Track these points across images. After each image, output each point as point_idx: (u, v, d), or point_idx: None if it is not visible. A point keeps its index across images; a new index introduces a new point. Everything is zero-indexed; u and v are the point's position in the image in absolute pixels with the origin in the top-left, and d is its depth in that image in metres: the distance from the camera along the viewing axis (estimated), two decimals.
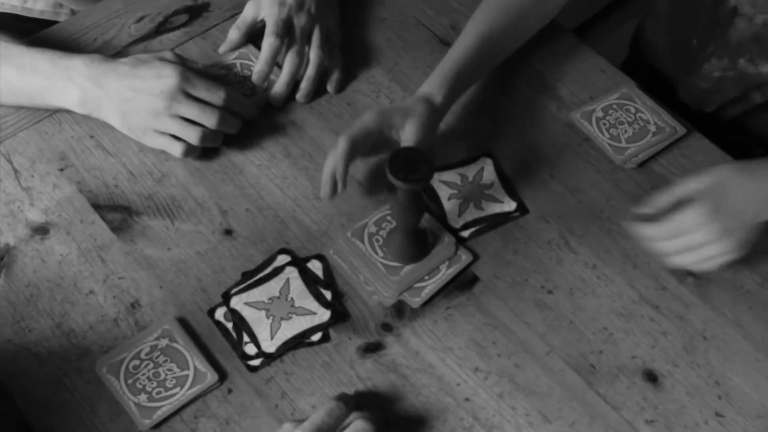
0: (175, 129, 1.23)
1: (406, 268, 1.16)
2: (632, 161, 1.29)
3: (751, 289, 1.18)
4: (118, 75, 1.22)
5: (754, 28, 1.31)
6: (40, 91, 1.25)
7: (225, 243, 1.19)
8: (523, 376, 1.10)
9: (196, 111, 1.22)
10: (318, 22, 1.35)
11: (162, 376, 1.07)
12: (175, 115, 1.22)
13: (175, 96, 1.21)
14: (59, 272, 1.16)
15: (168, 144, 1.24)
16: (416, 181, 1.04)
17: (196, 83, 1.22)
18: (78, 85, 1.23)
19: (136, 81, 1.22)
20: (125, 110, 1.22)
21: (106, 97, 1.22)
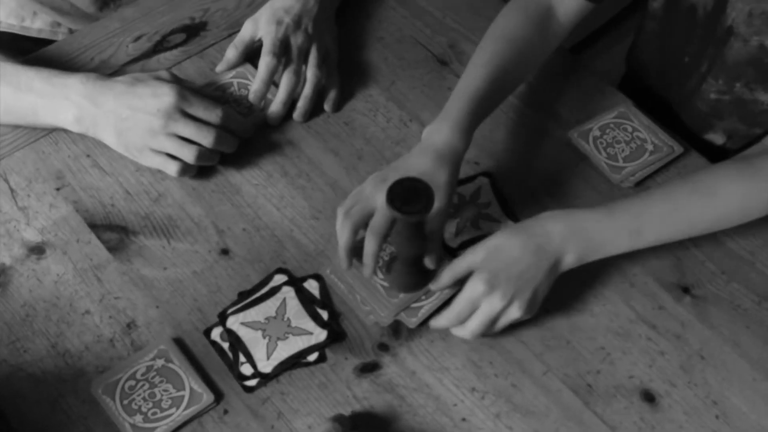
0: (171, 148, 1.23)
1: None
2: (629, 180, 1.29)
3: (749, 309, 1.18)
4: (114, 94, 1.22)
5: (749, 50, 1.31)
6: (35, 110, 1.25)
7: (221, 262, 1.19)
8: (520, 396, 1.10)
9: (192, 129, 1.22)
10: (315, 41, 1.35)
11: (158, 396, 1.07)
12: (172, 133, 1.22)
13: (172, 114, 1.21)
14: (55, 292, 1.15)
15: (164, 163, 1.24)
16: (415, 213, 1.03)
17: (192, 102, 1.23)
18: (74, 103, 1.23)
19: (133, 99, 1.22)
20: (121, 129, 1.22)
21: (103, 115, 1.22)
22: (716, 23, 1.34)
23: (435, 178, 1.12)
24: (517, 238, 1.10)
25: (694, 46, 1.41)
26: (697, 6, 1.36)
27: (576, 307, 1.17)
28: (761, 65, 1.31)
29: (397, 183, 1.02)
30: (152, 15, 1.46)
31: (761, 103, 1.36)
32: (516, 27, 1.29)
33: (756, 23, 1.28)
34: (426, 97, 1.38)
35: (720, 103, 1.40)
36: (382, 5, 1.51)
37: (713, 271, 1.21)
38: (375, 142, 1.32)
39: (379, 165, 1.29)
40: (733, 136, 1.44)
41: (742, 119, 1.40)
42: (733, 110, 1.40)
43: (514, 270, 1.08)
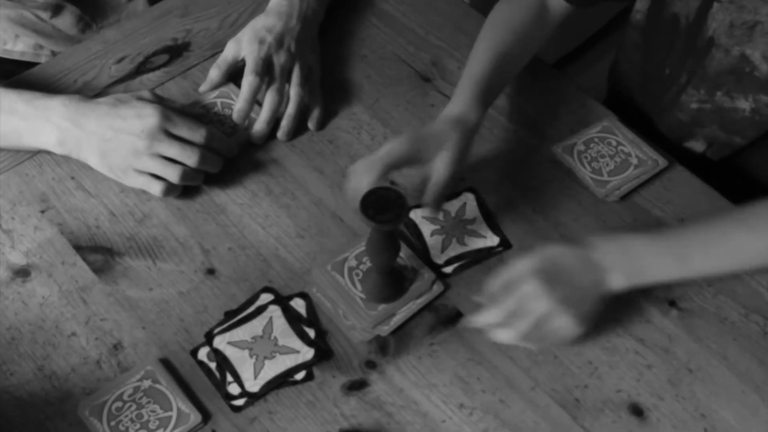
0: (155, 168, 1.23)
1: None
2: (614, 194, 1.29)
3: (736, 321, 1.18)
4: (97, 115, 1.22)
5: (730, 60, 1.31)
6: (18, 132, 1.25)
7: (207, 282, 1.19)
8: (508, 411, 1.10)
9: (177, 150, 1.22)
10: (298, 59, 1.36)
11: (145, 417, 1.06)
12: (156, 154, 1.22)
13: (155, 135, 1.21)
14: (41, 314, 1.15)
15: (148, 183, 1.24)
16: (388, 222, 1.03)
17: (176, 122, 1.22)
18: (56, 125, 1.23)
19: (116, 120, 1.21)
20: (105, 150, 1.22)
21: (86, 137, 1.22)
22: (697, 34, 1.34)
23: (446, 136, 1.18)
24: (572, 251, 1.13)
25: (675, 57, 1.42)
26: (680, 16, 1.36)
27: None
28: (742, 74, 1.32)
29: (370, 192, 1.04)
30: (135, 36, 1.46)
31: (741, 110, 1.36)
32: (513, 15, 1.34)
33: (737, 34, 1.29)
34: (410, 114, 1.39)
35: (701, 112, 1.41)
36: (364, 23, 1.52)
37: (700, 284, 1.21)
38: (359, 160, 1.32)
39: None
40: (713, 144, 1.44)
41: (722, 127, 1.41)
42: (714, 118, 1.40)
43: (567, 278, 1.10)
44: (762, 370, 1.14)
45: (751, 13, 1.26)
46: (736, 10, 1.27)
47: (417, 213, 1.26)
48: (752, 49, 1.29)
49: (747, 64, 1.31)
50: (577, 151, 1.34)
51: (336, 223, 1.25)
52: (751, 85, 1.33)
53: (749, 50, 1.30)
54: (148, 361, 1.11)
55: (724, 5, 1.28)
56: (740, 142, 1.42)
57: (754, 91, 1.34)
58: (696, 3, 1.32)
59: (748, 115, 1.37)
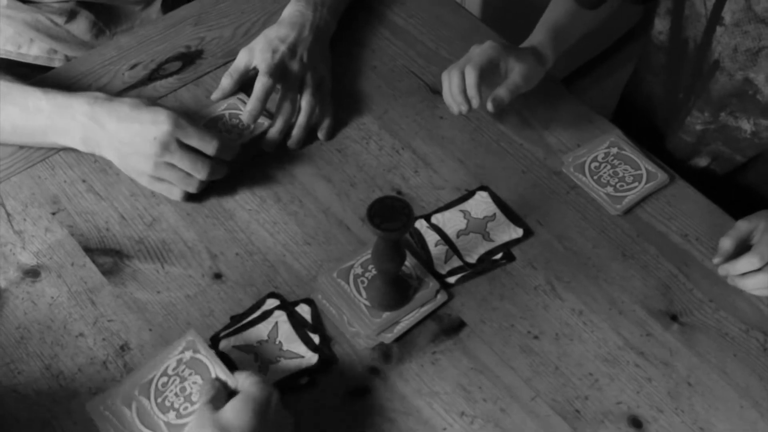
0: (169, 176, 1.24)
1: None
2: (617, 208, 1.30)
3: (736, 337, 1.19)
4: (118, 117, 1.23)
5: (734, 83, 1.33)
6: (44, 130, 1.26)
7: (214, 287, 1.20)
8: (508, 420, 1.11)
9: (187, 163, 1.23)
10: (309, 69, 1.37)
11: (188, 390, 1.07)
12: (168, 163, 1.23)
13: (168, 144, 1.22)
14: (49, 315, 1.16)
15: (168, 189, 1.26)
16: (394, 230, 1.05)
17: (188, 131, 1.23)
18: (80, 123, 1.25)
19: (133, 124, 1.23)
20: (122, 152, 1.24)
21: (106, 137, 1.24)
22: (703, 57, 1.36)
23: (525, 54, 1.35)
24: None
25: (686, 80, 1.43)
26: (689, 39, 1.38)
27: (565, 333, 1.18)
28: (745, 96, 1.33)
29: (377, 201, 1.06)
30: (148, 43, 1.48)
31: (744, 131, 1.38)
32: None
33: (740, 59, 1.30)
34: (418, 125, 1.40)
35: (706, 133, 1.42)
36: (375, 35, 1.53)
37: (701, 299, 1.23)
38: (367, 169, 1.34)
39: (371, 192, 1.31)
40: (717, 158, 1.46)
41: (726, 144, 1.42)
42: (718, 136, 1.42)
43: None
44: (761, 385, 1.15)
45: (756, 40, 1.28)
46: (741, 35, 1.28)
47: (422, 223, 1.27)
48: (756, 72, 1.31)
49: (750, 87, 1.32)
50: (590, 168, 1.35)
51: (343, 231, 1.26)
52: (752, 107, 1.35)
53: (753, 74, 1.31)
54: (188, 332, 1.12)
55: (728, 29, 1.29)
56: (741, 160, 1.43)
57: (756, 115, 1.35)
58: (702, 26, 1.34)
59: (749, 137, 1.38)
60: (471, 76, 1.29)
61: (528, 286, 1.23)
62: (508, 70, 1.33)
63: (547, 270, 1.24)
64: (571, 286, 1.23)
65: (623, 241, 1.28)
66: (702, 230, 1.30)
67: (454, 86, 1.30)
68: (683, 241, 1.28)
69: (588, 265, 1.25)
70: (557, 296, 1.22)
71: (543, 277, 1.24)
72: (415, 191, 1.31)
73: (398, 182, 1.32)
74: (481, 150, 1.37)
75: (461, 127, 1.40)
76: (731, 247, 1.22)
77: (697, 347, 1.18)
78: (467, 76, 1.29)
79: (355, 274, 1.21)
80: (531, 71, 1.34)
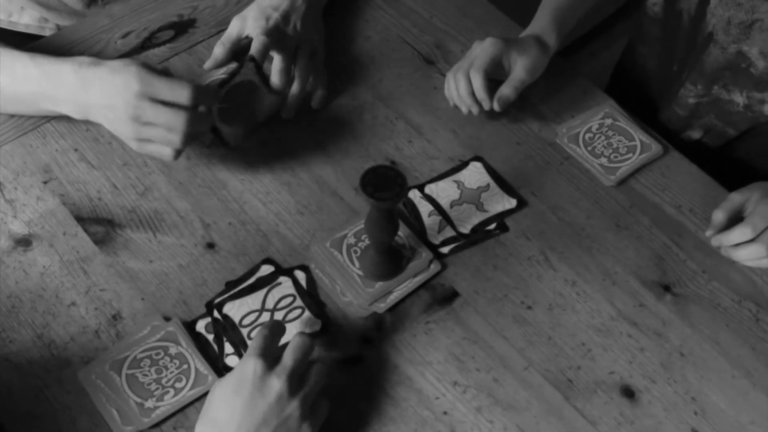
0: (153, 136, 1.17)
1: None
2: (611, 179, 1.30)
3: (728, 307, 1.19)
4: (101, 82, 1.18)
5: (727, 56, 1.33)
6: (35, 99, 1.23)
7: (207, 256, 1.20)
8: (501, 390, 1.11)
9: (163, 118, 1.15)
10: (303, 39, 1.36)
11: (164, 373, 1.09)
12: (147, 122, 1.16)
13: (139, 104, 1.15)
14: (41, 284, 1.16)
15: (158, 150, 1.19)
16: (387, 199, 1.05)
17: (156, 86, 1.15)
18: (70, 90, 1.20)
19: (111, 88, 1.17)
20: (107, 117, 1.19)
21: (92, 102, 1.19)
22: (698, 30, 1.35)
23: (528, 45, 1.34)
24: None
25: (680, 52, 1.43)
26: (683, 11, 1.37)
27: (558, 303, 1.18)
28: (738, 69, 1.33)
29: (370, 170, 1.05)
30: (140, 12, 1.47)
31: (736, 104, 1.38)
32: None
33: (733, 32, 1.30)
34: (411, 95, 1.40)
35: (699, 106, 1.42)
36: (369, 4, 1.52)
37: (694, 270, 1.23)
38: (361, 140, 1.33)
39: (365, 162, 1.30)
40: (709, 132, 1.46)
41: (718, 117, 1.42)
42: (710, 109, 1.42)
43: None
44: (753, 355, 1.15)
45: (749, 12, 1.27)
46: (734, 7, 1.28)
47: (415, 193, 1.27)
48: (749, 45, 1.30)
49: (743, 60, 1.32)
50: (583, 140, 1.34)
51: (336, 200, 1.26)
52: (745, 81, 1.34)
53: (746, 47, 1.31)
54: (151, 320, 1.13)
55: (722, 1, 1.29)
56: (733, 133, 1.43)
57: (749, 88, 1.35)
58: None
59: (741, 110, 1.38)
60: (477, 79, 1.30)
61: (521, 257, 1.23)
62: (512, 64, 1.33)
63: (541, 240, 1.24)
64: (564, 257, 1.23)
65: (617, 212, 1.28)
66: (696, 201, 1.29)
67: (462, 90, 1.31)
68: (677, 212, 1.28)
69: (581, 236, 1.25)
70: (551, 267, 1.22)
71: (536, 248, 1.23)
72: (408, 161, 1.31)
73: (392, 152, 1.32)
74: (475, 121, 1.36)
75: None
76: (724, 219, 1.22)
77: (689, 318, 1.18)
78: (473, 79, 1.30)
79: (348, 243, 1.20)
80: (535, 63, 1.34)
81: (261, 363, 0.98)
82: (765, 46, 1.29)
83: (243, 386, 0.98)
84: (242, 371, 0.98)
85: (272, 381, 0.98)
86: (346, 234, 1.21)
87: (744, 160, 1.48)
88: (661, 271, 1.22)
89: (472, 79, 1.30)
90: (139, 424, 1.05)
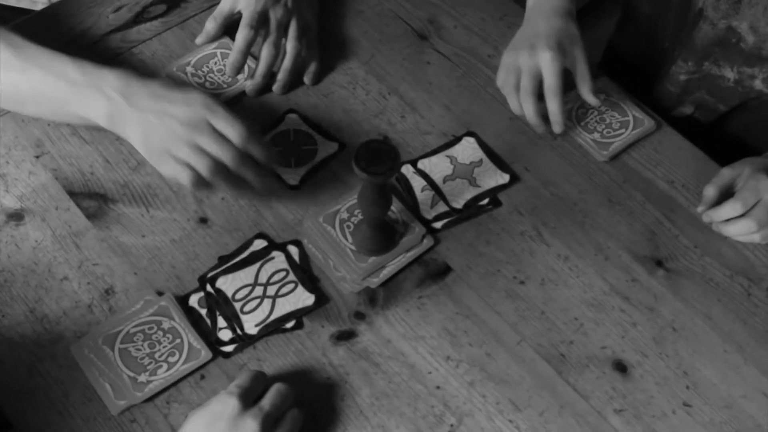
0: (190, 156, 1.15)
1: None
2: (603, 154, 1.30)
3: (721, 282, 1.20)
4: (148, 94, 1.16)
5: (717, 32, 1.33)
6: (65, 99, 1.18)
7: (200, 231, 1.20)
8: (494, 365, 1.11)
9: (215, 145, 1.14)
10: (295, 14, 1.36)
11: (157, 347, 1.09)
12: (194, 144, 1.15)
13: (197, 125, 1.15)
14: (33, 258, 1.16)
15: (180, 171, 1.15)
16: (380, 174, 1.05)
17: (218, 113, 1.15)
18: (108, 97, 1.16)
19: (164, 104, 1.16)
20: (148, 131, 1.16)
21: (133, 114, 1.16)
22: (688, 6, 1.35)
23: (571, 32, 1.31)
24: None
25: (671, 29, 1.43)
26: None
27: (551, 278, 1.18)
28: (728, 44, 1.33)
29: (363, 145, 1.05)
30: None
31: (727, 79, 1.38)
32: None
33: (723, 8, 1.30)
34: (405, 70, 1.39)
35: (690, 82, 1.42)
36: None
37: (686, 245, 1.23)
38: (354, 115, 1.33)
39: (357, 138, 1.30)
40: (701, 107, 1.46)
41: (709, 93, 1.42)
42: (701, 85, 1.42)
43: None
44: (744, 330, 1.16)
45: None
46: None
47: (408, 168, 1.27)
48: (739, 20, 1.30)
49: (733, 35, 1.32)
50: (576, 115, 1.34)
51: (329, 175, 1.26)
52: (736, 56, 1.35)
53: (736, 22, 1.31)
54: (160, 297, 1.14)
55: None
56: (724, 109, 1.44)
57: (739, 63, 1.35)
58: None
59: (732, 86, 1.38)
60: (555, 105, 1.28)
61: (514, 232, 1.23)
62: (572, 61, 1.30)
63: (534, 216, 1.24)
64: (557, 232, 1.23)
65: (609, 187, 1.28)
66: (688, 177, 1.29)
67: (531, 113, 1.29)
68: (669, 188, 1.28)
69: (574, 211, 1.25)
70: (543, 242, 1.22)
71: (529, 223, 1.24)
72: (401, 136, 1.31)
73: (385, 127, 1.32)
74: (469, 96, 1.36)
75: (448, 72, 1.39)
76: (715, 194, 1.22)
77: (682, 293, 1.19)
78: (551, 105, 1.28)
79: (341, 218, 1.20)
80: (579, 38, 1.31)
81: (238, 402, 0.99)
82: (755, 21, 1.29)
83: (217, 422, 0.98)
84: (219, 407, 0.99)
85: (247, 421, 0.98)
86: (339, 209, 1.21)
87: (735, 135, 1.48)
88: (653, 246, 1.22)
89: (549, 103, 1.28)
90: (132, 398, 1.05)
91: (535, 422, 1.07)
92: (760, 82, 1.36)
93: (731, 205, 1.20)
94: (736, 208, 1.20)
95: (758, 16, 1.28)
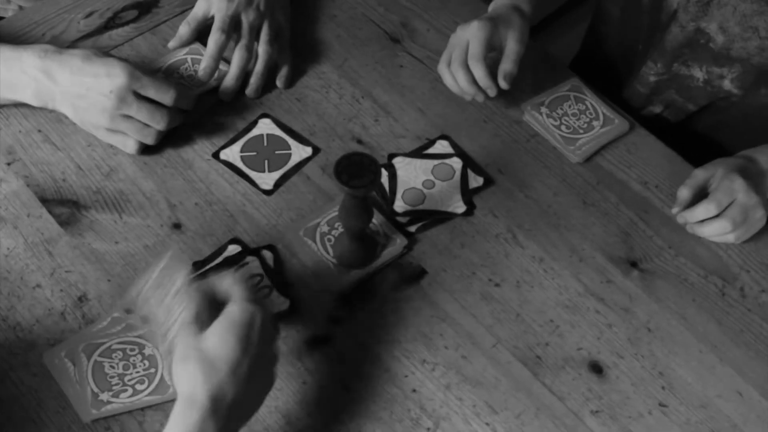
0: (126, 128, 1.22)
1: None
2: (577, 154, 1.30)
3: (695, 282, 1.20)
4: (71, 70, 1.21)
5: (686, 34, 1.34)
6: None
7: (174, 237, 1.19)
8: (470, 367, 1.11)
9: (145, 114, 1.21)
10: (267, 18, 1.35)
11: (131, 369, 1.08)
12: (125, 115, 1.21)
13: (124, 96, 1.19)
14: (6, 266, 1.15)
15: (122, 141, 1.24)
16: (361, 187, 1.04)
17: (144, 82, 1.21)
18: (32, 77, 1.21)
19: (87, 78, 1.20)
20: (77, 106, 1.22)
21: (59, 91, 1.21)
22: (660, 8, 1.36)
23: (512, 18, 1.32)
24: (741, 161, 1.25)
25: (644, 32, 1.43)
26: None
27: (526, 280, 1.18)
28: (697, 45, 1.34)
29: (344, 157, 1.05)
30: None
31: (696, 79, 1.39)
32: None
33: (692, 10, 1.31)
34: (378, 74, 1.39)
35: (659, 83, 1.43)
36: None
37: (661, 246, 1.23)
38: (327, 119, 1.33)
39: (331, 141, 1.30)
40: (670, 106, 1.47)
41: (678, 92, 1.43)
42: (671, 85, 1.43)
43: (760, 178, 1.22)
44: (719, 330, 1.16)
45: None
46: None
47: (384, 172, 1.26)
48: (707, 22, 1.31)
49: (702, 36, 1.33)
50: (546, 108, 1.35)
51: (303, 180, 1.26)
52: (705, 56, 1.35)
53: (704, 23, 1.32)
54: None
55: None
56: (692, 108, 1.44)
57: (708, 63, 1.36)
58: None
59: (701, 85, 1.39)
60: (478, 69, 1.27)
61: (489, 234, 1.23)
62: (503, 40, 1.31)
63: (508, 218, 1.24)
64: (531, 234, 1.23)
65: (584, 189, 1.28)
66: (661, 178, 1.30)
67: (463, 82, 1.29)
68: (643, 189, 1.29)
69: (549, 213, 1.25)
70: (518, 244, 1.22)
71: (504, 225, 1.24)
72: (375, 140, 1.31)
73: (358, 131, 1.32)
74: (442, 99, 1.36)
75: (421, 76, 1.39)
76: (689, 196, 1.23)
77: (656, 293, 1.19)
78: (475, 69, 1.28)
79: (321, 232, 1.20)
80: (522, 32, 1.32)
81: (257, 308, 0.94)
82: (724, 21, 1.29)
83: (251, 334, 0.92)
84: (247, 318, 0.93)
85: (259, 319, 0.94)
86: (319, 222, 1.20)
87: (703, 135, 1.49)
88: (627, 247, 1.22)
89: (472, 69, 1.28)
90: (85, 414, 1.04)
91: (512, 425, 1.07)
92: (728, 82, 1.37)
93: (705, 206, 1.20)
94: (711, 209, 1.20)
95: (727, 16, 1.29)
